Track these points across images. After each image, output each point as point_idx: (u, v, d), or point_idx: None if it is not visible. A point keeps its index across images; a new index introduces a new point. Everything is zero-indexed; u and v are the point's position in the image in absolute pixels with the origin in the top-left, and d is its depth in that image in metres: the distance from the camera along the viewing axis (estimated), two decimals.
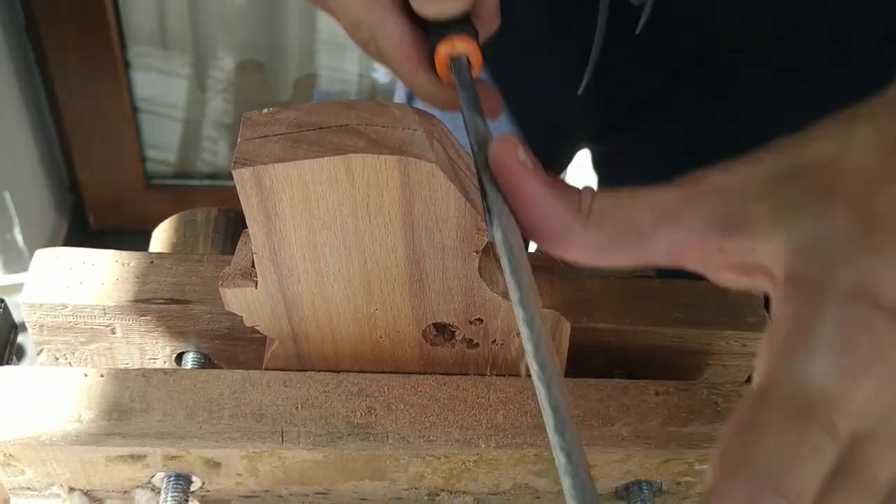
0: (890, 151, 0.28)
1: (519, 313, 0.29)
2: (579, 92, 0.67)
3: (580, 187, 0.32)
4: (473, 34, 0.41)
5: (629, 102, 0.74)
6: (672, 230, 0.30)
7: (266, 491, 0.45)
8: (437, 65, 0.41)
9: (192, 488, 0.44)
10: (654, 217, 0.30)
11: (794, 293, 0.28)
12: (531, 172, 0.31)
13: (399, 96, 0.88)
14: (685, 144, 0.71)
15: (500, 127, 0.80)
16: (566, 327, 0.42)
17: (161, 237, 0.60)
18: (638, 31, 0.62)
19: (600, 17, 0.63)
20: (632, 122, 0.78)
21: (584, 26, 0.64)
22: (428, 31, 0.41)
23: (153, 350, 0.48)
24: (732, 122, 0.70)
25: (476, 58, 0.41)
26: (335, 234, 0.36)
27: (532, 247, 0.37)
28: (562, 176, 1.78)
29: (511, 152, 0.31)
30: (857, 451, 0.27)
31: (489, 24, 0.44)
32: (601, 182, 1.03)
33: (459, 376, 0.44)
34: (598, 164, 1.00)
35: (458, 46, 0.40)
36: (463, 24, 0.41)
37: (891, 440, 0.27)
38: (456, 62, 0.40)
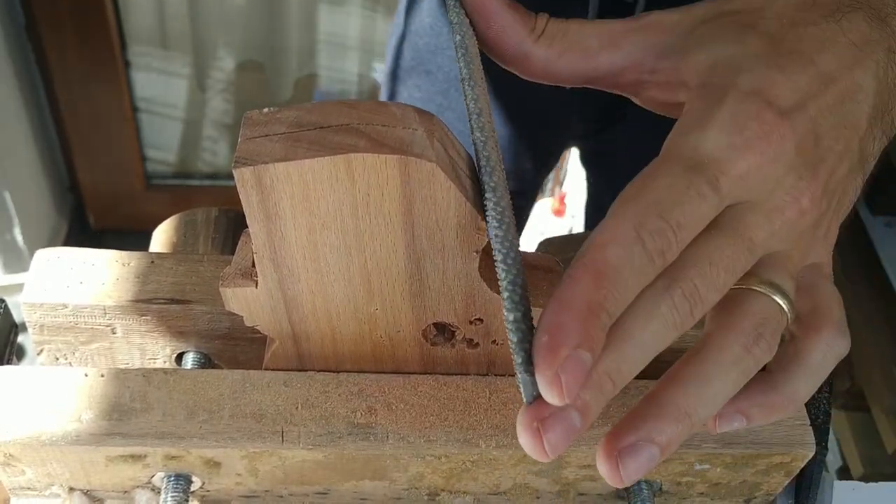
0: (806, 5, 0.34)
1: (468, 92, 0.34)
2: (568, 87, 0.68)
3: (536, 12, 0.37)
4: None
5: (618, 100, 0.74)
6: (614, 53, 0.36)
7: (266, 491, 0.45)
8: None
9: (192, 488, 0.44)
10: (600, 42, 0.36)
11: (702, 93, 0.33)
12: None
13: (383, 94, 0.88)
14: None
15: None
16: None
17: (161, 237, 0.60)
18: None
19: (590, 13, 0.63)
20: (621, 119, 0.78)
21: (578, 9, 0.64)
22: None
23: (153, 350, 0.48)
24: None
25: None
26: (335, 233, 0.36)
27: (532, 247, 0.37)
28: (561, 174, 1.78)
29: None
30: (737, 213, 0.31)
31: None
32: (591, 178, 1.04)
33: (459, 376, 0.44)
34: (588, 161, 1.00)
35: None
36: None
37: (768, 209, 0.31)
38: None
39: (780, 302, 0.32)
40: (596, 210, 1.03)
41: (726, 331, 0.31)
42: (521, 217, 1.03)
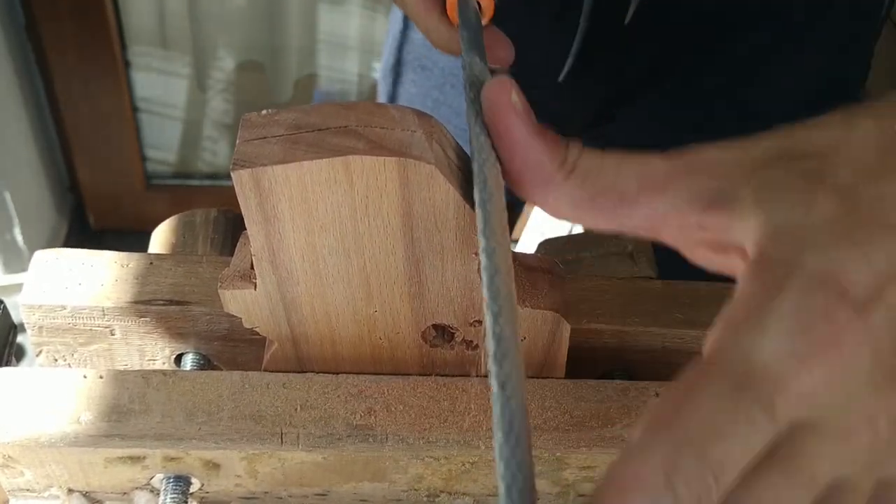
0: (888, 150, 0.28)
1: (482, 243, 0.29)
2: (560, 79, 0.68)
3: (568, 140, 0.31)
4: None
5: (616, 90, 0.74)
6: (655, 200, 0.29)
7: (265, 492, 0.45)
8: (447, 8, 0.42)
9: (192, 490, 0.44)
10: (639, 184, 0.30)
11: (760, 272, 0.27)
12: (520, 116, 0.31)
13: (381, 96, 0.88)
14: (672, 131, 0.71)
15: None
16: (566, 329, 0.42)
17: (160, 238, 0.60)
18: (627, 20, 0.63)
19: (585, 6, 0.63)
20: (618, 110, 0.78)
21: (572, 15, 0.64)
22: None
23: (152, 351, 0.48)
24: (720, 107, 0.70)
25: (487, 3, 0.41)
26: (334, 235, 0.36)
27: (532, 247, 0.36)
28: None
29: (504, 93, 0.31)
30: (796, 440, 0.26)
31: None
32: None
33: (459, 377, 0.44)
34: None
35: None
36: None
37: (835, 435, 0.26)
38: (463, 3, 0.41)
39: None
40: None
41: None
42: (517, 211, 1.03)
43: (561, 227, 1.74)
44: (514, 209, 0.89)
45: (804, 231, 0.27)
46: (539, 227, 1.73)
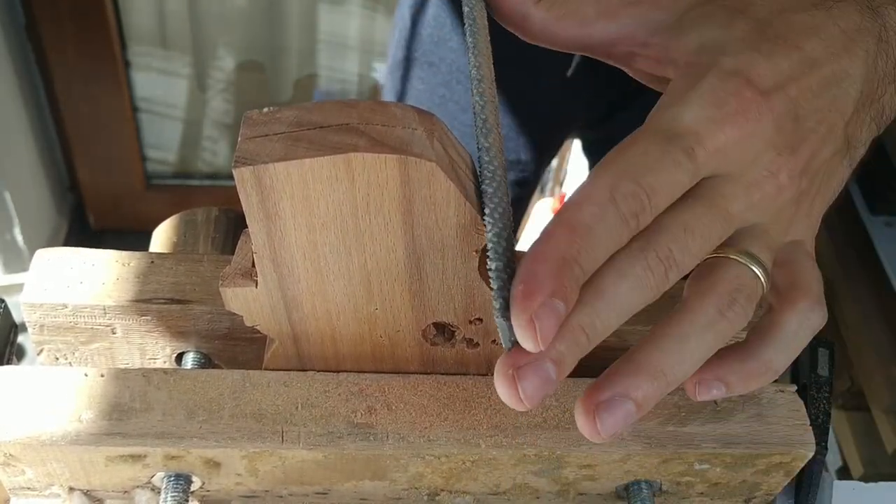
0: None
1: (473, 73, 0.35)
2: (568, 74, 0.68)
3: None
4: None
5: (620, 89, 0.74)
6: (609, 24, 0.37)
7: (266, 491, 0.45)
8: None
9: (192, 488, 0.44)
10: (597, 11, 0.37)
11: (686, 72, 0.34)
12: None
13: (387, 93, 0.88)
14: None
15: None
16: None
17: (161, 237, 0.60)
18: None
19: None
20: (620, 108, 0.78)
21: None
22: None
23: (153, 350, 0.48)
24: None
25: None
26: (335, 233, 0.36)
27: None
28: (560, 174, 1.78)
29: None
30: (714, 184, 0.32)
31: None
32: (592, 165, 1.04)
33: (459, 376, 0.44)
34: (590, 151, 1.00)
35: None
36: None
37: (745, 183, 0.32)
38: None
39: (756, 270, 0.32)
40: None
41: (701, 295, 0.32)
42: (521, 207, 1.04)
43: None
44: (517, 211, 0.89)
45: (722, 43, 0.34)
46: (540, 228, 1.72)
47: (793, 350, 0.34)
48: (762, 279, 0.33)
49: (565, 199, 0.30)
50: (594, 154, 0.99)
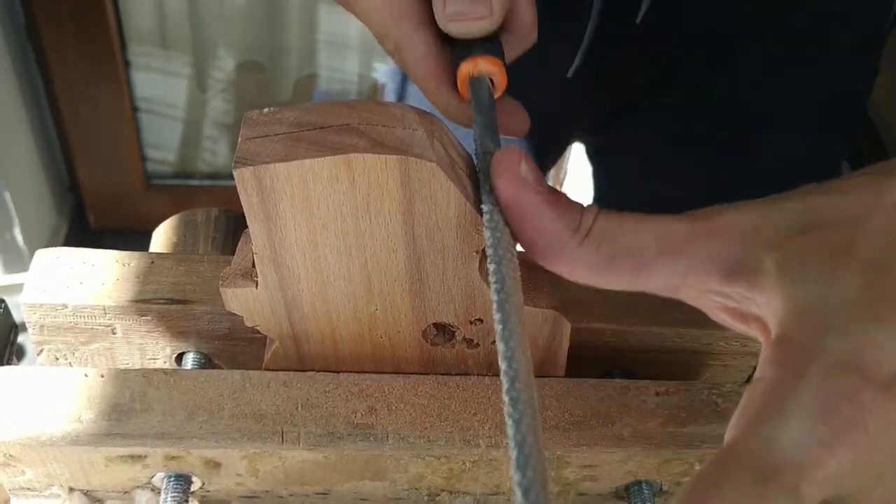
0: None
1: (500, 348, 0.28)
2: (568, 75, 0.68)
3: (584, 205, 0.31)
4: (499, 54, 0.40)
5: (623, 93, 0.74)
6: (674, 263, 0.29)
7: (266, 491, 0.45)
8: (458, 83, 0.40)
9: (192, 489, 0.44)
10: (658, 247, 0.29)
11: (780, 356, 0.26)
12: (530, 185, 0.31)
13: (389, 94, 0.88)
14: (679, 135, 0.71)
15: None
16: (566, 327, 0.42)
17: (161, 237, 0.60)
18: (638, 20, 0.63)
19: (595, 5, 0.63)
20: (625, 114, 0.78)
21: (583, 12, 0.64)
22: (454, 48, 0.40)
23: (153, 350, 0.48)
24: (726, 111, 0.70)
25: (500, 78, 0.40)
26: (335, 233, 0.36)
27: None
28: (560, 175, 1.78)
29: (513, 163, 0.31)
30: None
31: (523, 41, 0.42)
32: (596, 174, 1.04)
33: (459, 376, 0.44)
34: (593, 156, 1.00)
35: (480, 66, 0.39)
36: (489, 42, 0.40)
37: None
38: (475, 82, 0.39)
39: None
40: (602, 206, 1.03)
41: None
42: None
43: None
44: None
45: (827, 311, 0.26)
46: None
47: None
48: None
49: None
50: (598, 162, 0.99)
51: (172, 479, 0.43)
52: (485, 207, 0.32)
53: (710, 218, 0.29)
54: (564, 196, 0.31)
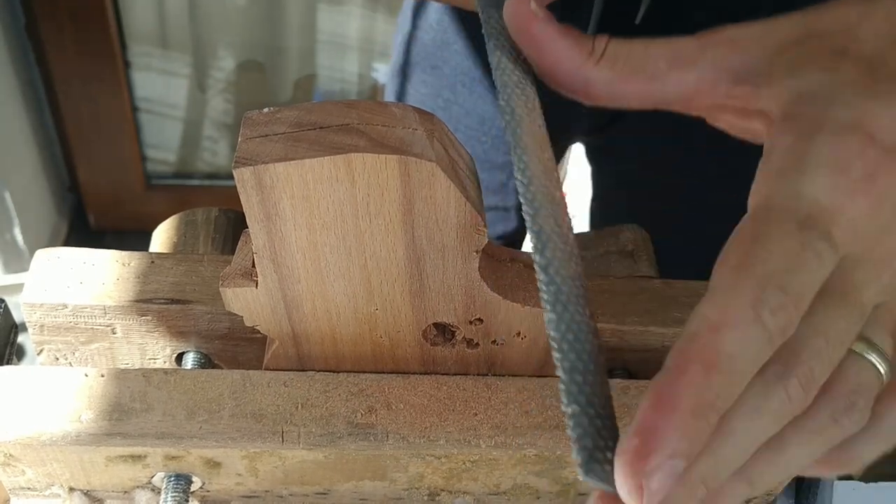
0: None
1: (518, 178, 0.30)
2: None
3: (594, 35, 0.33)
4: None
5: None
6: (685, 73, 0.31)
7: (266, 491, 0.45)
8: None
9: (193, 488, 0.44)
10: (668, 61, 0.32)
11: (790, 126, 0.29)
12: (542, 20, 0.33)
13: (389, 94, 0.88)
14: (679, 136, 0.71)
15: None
16: None
17: (161, 237, 0.60)
18: (638, 20, 0.62)
19: (595, 5, 0.63)
20: (625, 113, 0.78)
21: (583, 13, 0.64)
22: None
23: (153, 350, 0.48)
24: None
25: None
26: (335, 233, 0.36)
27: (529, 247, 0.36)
28: (561, 174, 1.78)
29: (524, 3, 0.33)
30: (845, 270, 0.27)
31: None
32: (596, 174, 1.04)
33: (459, 376, 0.44)
34: (593, 157, 1.00)
35: None
36: None
37: (876, 264, 0.28)
38: None
39: (878, 364, 0.28)
40: (602, 206, 1.03)
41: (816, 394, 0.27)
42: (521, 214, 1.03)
43: None
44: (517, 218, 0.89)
45: (829, 89, 0.29)
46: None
47: (887, 444, 0.30)
48: (883, 374, 0.28)
49: (693, 319, 0.26)
50: (598, 162, 0.99)
51: (172, 478, 0.43)
52: (494, 59, 0.33)
53: (717, 33, 0.32)
54: (574, 28, 0.33)
